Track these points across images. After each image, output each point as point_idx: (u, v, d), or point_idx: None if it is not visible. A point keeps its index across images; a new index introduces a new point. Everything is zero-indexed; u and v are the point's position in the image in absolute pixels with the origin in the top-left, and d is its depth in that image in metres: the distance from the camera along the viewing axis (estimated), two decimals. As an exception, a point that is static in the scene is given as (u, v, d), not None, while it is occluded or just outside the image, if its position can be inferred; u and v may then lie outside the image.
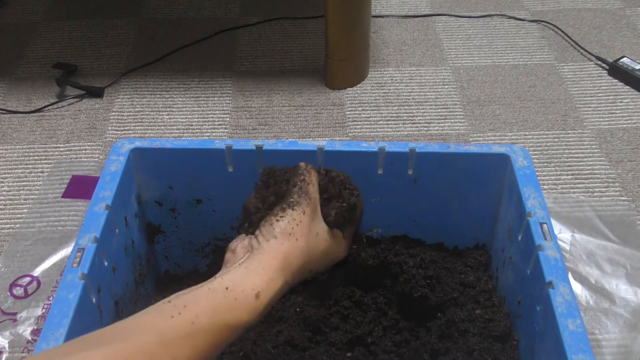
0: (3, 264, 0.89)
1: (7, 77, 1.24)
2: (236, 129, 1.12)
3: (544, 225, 0.63)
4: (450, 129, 1.12)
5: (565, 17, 1.38)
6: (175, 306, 0.51)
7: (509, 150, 0.70)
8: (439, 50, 1.30)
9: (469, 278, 0.74)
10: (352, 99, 1.18)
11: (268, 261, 0.56)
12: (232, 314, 0.52)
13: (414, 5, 1.42)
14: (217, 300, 0.52)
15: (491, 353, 0.66)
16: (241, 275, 0.55)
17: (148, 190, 0.74)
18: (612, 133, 1.10)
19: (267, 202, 0.62)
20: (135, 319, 0.50)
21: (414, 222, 0.77)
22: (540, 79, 1.22)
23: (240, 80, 1.22)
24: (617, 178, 1.02)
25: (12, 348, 0.79)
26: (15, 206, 0.99)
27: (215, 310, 0.51)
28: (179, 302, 0.51)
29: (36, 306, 0.84)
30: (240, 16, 1.39)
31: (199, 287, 0.53)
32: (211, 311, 0.51)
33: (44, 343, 0.54)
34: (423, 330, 0.70)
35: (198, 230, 0.78)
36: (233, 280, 0.54)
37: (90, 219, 0.63)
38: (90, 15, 1.39)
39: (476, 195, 0.73)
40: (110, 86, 1.21)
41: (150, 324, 0.49)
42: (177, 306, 0.50)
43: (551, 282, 0.58)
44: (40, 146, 1.09)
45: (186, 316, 0.50)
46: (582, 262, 0.88)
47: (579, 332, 0.54)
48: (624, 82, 1.21)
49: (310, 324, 0.69)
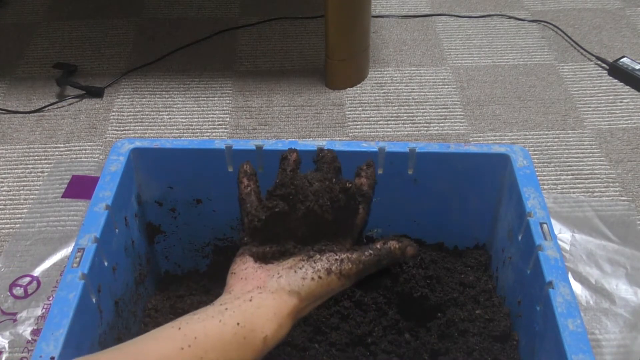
0: (3, 264, 0.89)
1: (7, 77, 1.24)
2: (236, 129, 1.12)
3: (544, 225, 0.63)
4: (450, 129, 1.12)
5: (565, 17, 1.38)
6: (185, 336, 0.51)
7: (509, 150, 0.70)
8: (439, 50, 1.30)
9: (469, 278, 0.74)
10: (352, 99, 1.18)
11: (282, 310, 0.56)
12: (239, 353, 0.52)
13: (414, 5, 1.42)
14: (226, 337, 0.52)
15: (491, 353, 0.66)
16: (252, 314, 0.54)
17: (148, 190, 0.74)
18: (612, 133, 1.10)
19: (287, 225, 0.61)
20: (144, 344, 0.50)
21: (414, 222, 0.77)
22: (540, 79, 1.22)
23: (240, 80, 1.22)
24: (617, 178, 1.02)
25: (12, 348, 0.79)
26: (15, 206, 0.99)
27: (223, 347, 0.52)
28: (190, 333, 0.51)
29: (36, 306, 0.84)
30: (240, 16, 1.39)
31: (210, 316, 0.53)
32: (219, 347, 0.51)
33: (43, 343, 0.54)
34: (423, 330, 0.70)
35: (198, 230, 0.78)
36: (244, 318, 0.53)
37: (90, 219, 0.63)
38: (90, 15, 1.39)
39: (476, 195, 0.73)
40: (110, 86, 1.21)
41: (158, 353, 0.49)
42: (188, 337, 0.50)
43: (551, 282, 0.58)
44: (40, 146, 1.09)
45: (195, 350, 0.50)
46: (582, 262, 0.88)
47: (579, 332, 0.54)
48: (624, 82, 1.21)
49: (310, 324, 0.69)
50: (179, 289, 0.78)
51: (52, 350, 0.53)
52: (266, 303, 0.55)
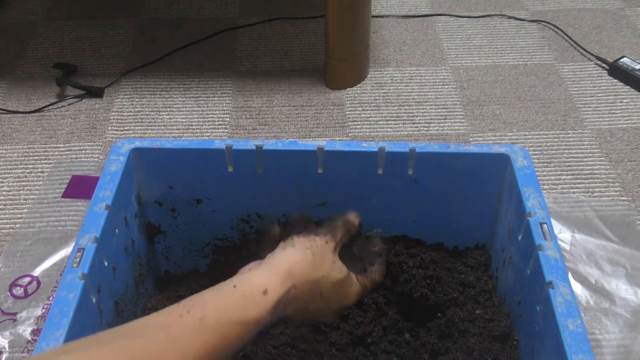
0: (3, 264, 0.89)
1: (7, 77, 1.24)
2: (236, 129, 1.12)
3: (544, 225, 0.63)
4: (450, 129, 1.12)
5: (565, 17, 1.38)
6: (183, 306, 0.51)
7: (509, 150, 0.70)
8: (439, 50, 1.30)
9: (469, 278, 0.74)
10: (352, 99, 1.18)
11: (278, 264, 0.57)
12: (240, 310, 0.52)
13: (414, 5, 1.42)
14: (225, 298, 0.53)
15: (491, 353, 0.66)
16: (249, 275, 0.55)
17: (148, 190, 0.74)
18: (612, 133, 1.10)
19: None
20: (144, 319, 0.51)
21: (414, 222, 0.77)
22: (540, 79, 1.22)
23: (240, 80, 1.22)
24: (617, 178, 1.02)
25: (12, 348, 0.79)
26: (15, 206, 0.99)
27: (223, 307, 0.52)
28: (188, 303, 0.52)
29: (36, 306, 0.84)
30: (240, 16, 1.39)
31: (208, 290, 0.54)
32: (219, 308, 0.51)
33: (44, 343, 0.54)
34: (423, 330, 0.70)
35: (198, 230, 0.78)
36: (241, 280, 0.54)
37: (90, 219, 0.63)
38: (90, 15, 1.39)
39: (476, 195, 0.73)
40: (110, 86, 1.21)
41: (159, 322, 0.50)
42: (186, 306, 0.51)
43: (551, 282, 0.58)
44: (40, 146, 1.09)
45: (195, 314, 0.50)
46: (582, 262, 0.88)
47: (579, 332, 0.54)
48: (624, 82, 1.21)
49: (310, 324, 0.69)
50: (179, 289, 0.78)
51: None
52: (264, 265, 0.57)
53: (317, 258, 0.60)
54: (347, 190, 0.73)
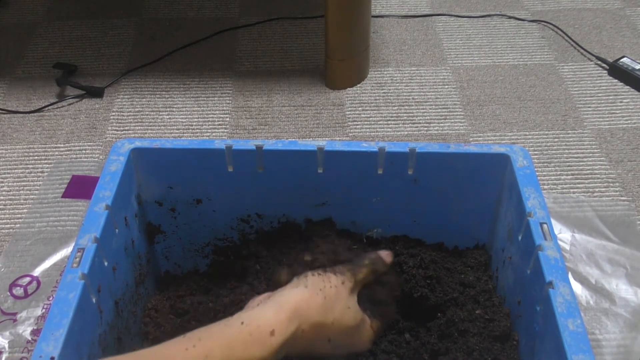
0: (3, 264, 0.89)
1: (7, 77, 1.24)
2: (236, 129, 1.12)
3: (544, 225, 0.63)
4: (450, 129, 1.12)
5: (565, 17, 1.38)
6: (189, 339, 0.51)
7: (509, 150, 0.70)
8: (439, 50, 1.30)
9: (469, 278, 0.74)
10: (352, 99, 1.18)
11: (287, 303, 0.56)
12: (245, 349, 0.51)
13: (414, 5, 1.42)
14: (231, 334, 0.52)
15: (491, 353, 0.66)
16: (257, 312, 0.54)
17: (148, 190, 0.74)
18: (612, 133, 1.10)
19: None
20: (150, 351, 0.50)
21: (414, 222, 0.77)
22: (540, 79, 1.22)
23: (240, 80, 1.22)
24: (617, 178, 1.02)
25: (12, 348, 0.79)
26: (15, 206, 0.99)
27: (228, 344, 0.51)
28: (194, 336, 0.51)
29: (36, 306, 0.84)
30: (240, 16, 1.39)
31: (216, 324, 0.53)
32: (225, 344, 0.51)
33: (43, 343, 0.53)
34: (423, 330, 0.70)
35: (198, 230, 0.78)
36: (249, 317, 0.53)
37: (90, 219, 0.63)
38: (90, 15, 1.39)
39: (476, 195, 0.73)
40: (110, 86, 1.21)
41: (165, 354, 0.49)
42: (192, 339, 0.51)
43: (551, 282, 0.58)
44: (40, 146, 1.09)
45: (200, 349, 0.50)
46: (582, 262, 0.88)
47: (579, 332, 0.54)
48: (624, 82, 1.21)
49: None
50: (179, 289, 0.78)
51: (52, 350, 0.53)
52: (272, 301, 0.56)
53: (328, 301, 0.58)
54: (347, 190, 0.73)
